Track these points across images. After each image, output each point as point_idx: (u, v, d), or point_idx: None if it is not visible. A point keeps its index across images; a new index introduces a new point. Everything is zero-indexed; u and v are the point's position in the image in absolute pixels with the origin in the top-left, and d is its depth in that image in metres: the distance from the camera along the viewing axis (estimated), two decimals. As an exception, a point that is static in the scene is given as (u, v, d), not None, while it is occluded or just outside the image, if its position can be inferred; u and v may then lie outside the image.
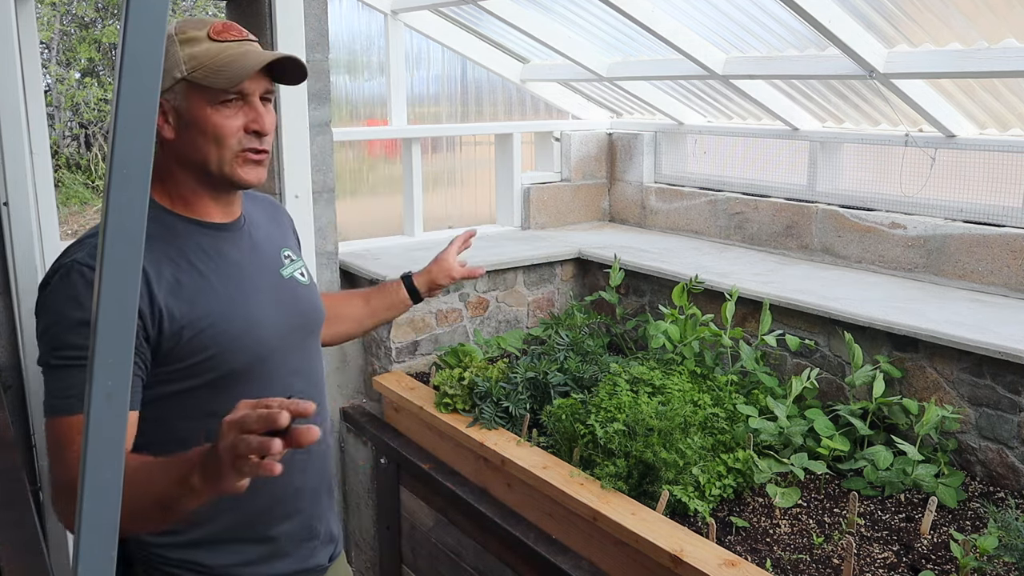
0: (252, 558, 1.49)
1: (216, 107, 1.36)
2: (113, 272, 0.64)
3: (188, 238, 1.42)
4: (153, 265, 1.35)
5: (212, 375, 1.40)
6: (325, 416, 1.64)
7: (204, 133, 1.37)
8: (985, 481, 2.64)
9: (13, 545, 1.46)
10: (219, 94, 1.36)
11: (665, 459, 2.33)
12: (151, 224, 1.32)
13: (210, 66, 1.34)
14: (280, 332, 1.49)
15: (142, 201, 0.65)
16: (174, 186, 1.43)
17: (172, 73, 1.35)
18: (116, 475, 0.70)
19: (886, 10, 2.94)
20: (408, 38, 4.52)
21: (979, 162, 3.32)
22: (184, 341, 1.36)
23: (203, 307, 1.39)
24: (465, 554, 2.80)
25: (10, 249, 2.27)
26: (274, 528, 1.51)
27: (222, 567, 1.46)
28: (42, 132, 2.76)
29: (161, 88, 1.27)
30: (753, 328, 3.27)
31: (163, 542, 1.44)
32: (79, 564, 0.70)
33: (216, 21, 1.39)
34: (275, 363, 1.48)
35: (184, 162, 1.41)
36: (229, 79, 1.34)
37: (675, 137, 4.70)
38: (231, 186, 1.44)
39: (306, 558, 1.57)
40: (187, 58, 1.35)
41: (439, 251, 2.18)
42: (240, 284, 1.45)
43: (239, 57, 1.35)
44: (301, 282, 1.60)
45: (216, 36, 1.36)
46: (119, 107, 0.63)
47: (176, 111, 1.37)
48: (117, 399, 0.67)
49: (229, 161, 1.39)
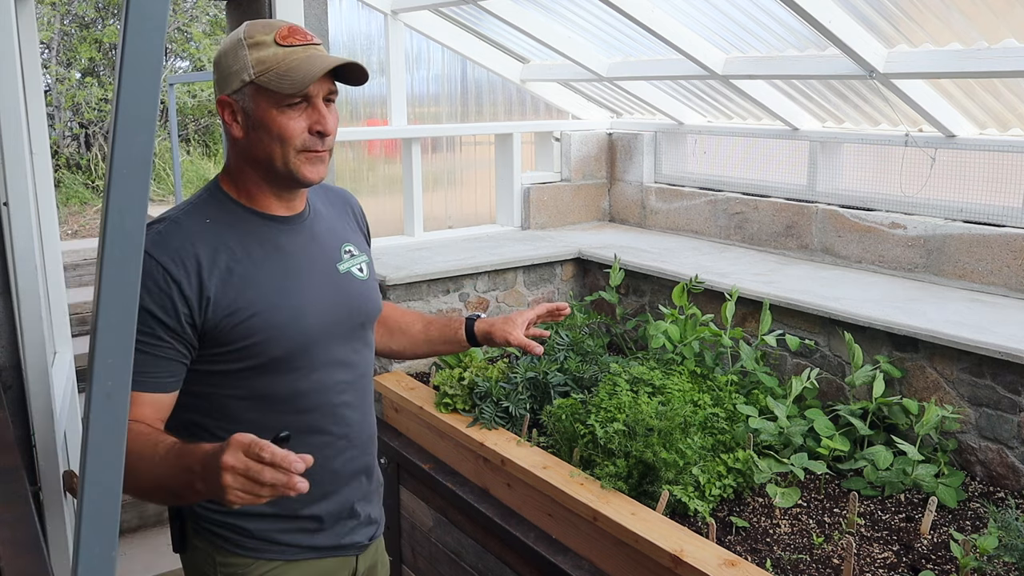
0: (291, 529, 1.56)
1: (282, 109, 1.42)
2: (113, 272, 0.64)
3: (249, 228, 1.50)
4: (209, 252, 1.43)
5: (257, 360, 1.47)
6: (369, 407, 1.70)
7: (270, 133, 1.43)
8: (985, 481, 2.64)
9: (13, 545, 1.46)
10: (285, 97, 1.41)
11: (665, 459, 2.33)
12: (218, 210, 1.46)
13: (276, 70, 1.41)
14: (325, 324, 1.54)
15: (142, 201, 0.65)
16: (240, 179, 1.52)
17: (240, 76, 1.42)
18: (116, 475, 0.70)
19: (886, 10, 2.94)
20: (408, 38, 4.52)
21: (979, 162, 3.32)
22: (231, 327, 1.43)
23: (251, 296, 1.45)
24: (465, 554, 2.80)
25: (10, 249, 2.27)
26: (312, 507, 1.57)
27: (263, 532, 1.53)
28: (42, 132, 2.76)
29: (230, 90, 1.44)
30: (753, 328, 3.27)
31: (207, 506, 1.52)
32: (79, 564, 0.70)
33: (283, 25, 1.44)
34: (318, 353, 1.53)
35: (251, 159, 1.48)
36: (294, 84, 1.40)
37: (675, 137, 4.70)
38: (294, 183, 1.50)
39: (343, 535, 1.63)
40: (255, 62, 1.42)
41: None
42: (291, 275, 1.51)
43: (304, 62, 1.41)
44: (357, 277, 1.65)
45: (282, 41, 1.42)
46: (119, 107, 0.63)
47: (244, 112, 1.45)
48: (117, 399, 0.67)
49: (293, 160, 1.45)
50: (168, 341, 1.39)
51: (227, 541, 1.54)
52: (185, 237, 1.43)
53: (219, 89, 1.47)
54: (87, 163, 8.02)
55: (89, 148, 8.12)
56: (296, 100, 1.43)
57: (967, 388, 2.68)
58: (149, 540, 3.80)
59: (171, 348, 1.40)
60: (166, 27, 0.63)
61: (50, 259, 2.76)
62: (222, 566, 1.54)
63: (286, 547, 1.56)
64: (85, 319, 4.55)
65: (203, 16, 8.80)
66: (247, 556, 1.54)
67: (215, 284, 1.41)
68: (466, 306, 3.71)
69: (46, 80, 7.87)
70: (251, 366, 1.47)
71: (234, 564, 1.54)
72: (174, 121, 5.08)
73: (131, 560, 3.59)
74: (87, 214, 7.09)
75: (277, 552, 1.55)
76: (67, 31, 8.15)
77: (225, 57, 1.46)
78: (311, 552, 1.59)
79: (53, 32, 7.95)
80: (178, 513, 1.56)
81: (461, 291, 3.68)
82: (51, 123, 7.86)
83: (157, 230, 1.42)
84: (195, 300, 1.39)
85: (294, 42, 1.42)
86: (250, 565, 1.54)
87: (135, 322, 0.69)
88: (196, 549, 1.57)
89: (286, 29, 1.44)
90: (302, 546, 1.57)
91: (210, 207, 1.51)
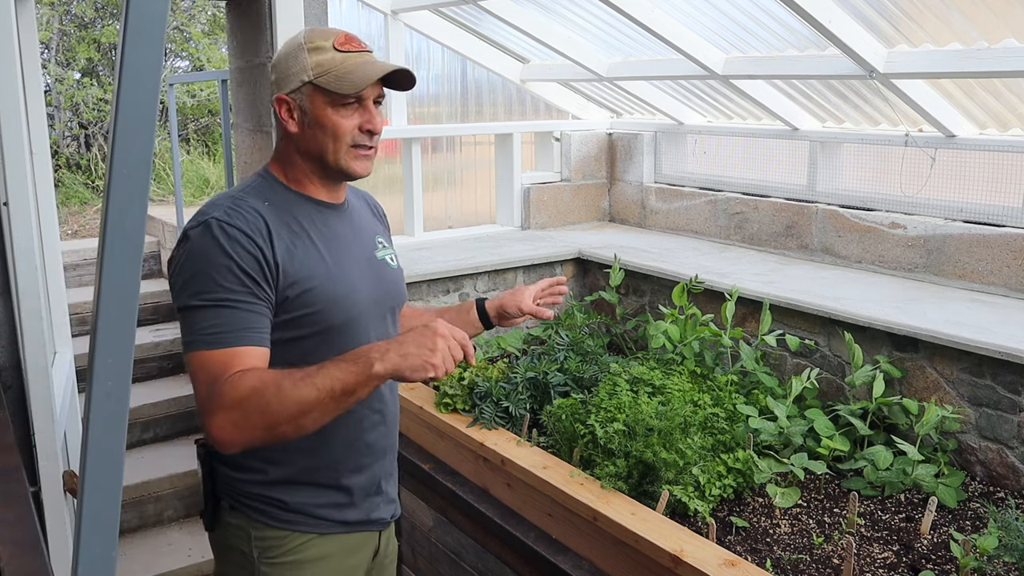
0: (324, 502, 1.66)
1: (336, 108, 1.57)
2: (113, 272, 0.64)
3: (303, 210, 1.63)
4: (275, 227, 1.55)
5: (313, 328, 1.58)
6: (396, 388, 1.82)
7: (324, 130, 1.58)
8: (985, 481, 2.64)
9: (13, 545, 1.46)
10: (340, 97, 1.56)
11: (665, 459, 2.33)
12: (273, 193, 1.62)
13: (335, 73, 1.55)
14: (369, 301, 1.68)
15: (142, 201, 0.65)
16: (291, 169, 1.65)
17: (300, 76, 1.57)
18: (117, 476, 0.70)
19: (886, 10, 2.94)
20: (408, 38, 4.52)
21: (979, 162, 3.32)
22: (294, 296, 1.55)
23: (311, 269, 1.57)
24: (465, 554, 2.80)
25: (10, 249, 2.27)
26: (344, 478, 1.67)
27: (299, 504, 1.62)
28: (42, 132, 2.76)
29: (289, 89, 1.58)
30: (753, 328, 3.27)
31: (247, 479, 1.61)
32: (79, 564, 0.70)
33: (341, 32, 1.60)
34: (363, 326, 1.66)
35: (304, 152, 1.62)
36: (352, 85, 1.55)
37: (675, 137, 4.70)
38: (342, 176, 1.65)
39: (371, 511, 1.73)
40: (314, 65, 1.56)
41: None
42: (344, 254, 1.66)
43: (361, 67, 1.57)
44: (390, 265, 1.79)
45: (340, 46, 1.57)
46: (119, 107, 0.63)
47: (301, 109, 1.59)
48: (117, 399, 0.67)
49: (343, 155, 1.60)
50: (261, 300, 1.50)
51: (263, 514, 1.62)
52: (253, 212, 1.54)
53: (277, 88, 1.61)
54: (87, 163, 8.02)
55: (89, 148, 8.12)
56: (350, 100, 1.57)
57: (967, 388, 2.68)
58: (149, 540, 3.80)
59: (264, 306, 1.51)
60: (165, 27, 0.63)
61: (50, 259, 2.76)
62: (257, 540, 1.62)
63: (320, 520, 1.65)
64: (85, 319, 4.56)
65: (202, 16, 8.79)
66: (282, 528, 1.62)
67: (281, 255, 1.53)
68: (466, 306, 3.71)
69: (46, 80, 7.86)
70: (306, 335, 1.58)
71: (270, 537, 1.62)
72: (174, 121, 5.07)
73: (131, 560, 3.59)
74: (87, 214, 7.08)
75: (311, 525, 1.64)
76: (66, 31, 8.14)
77: (285, 60, 1.60)
78: (341, 526, 1.68)
79: (52, 32, 7.94)
80: (213, 492, 1.65)
81: (461, 291, 3.68)
82: (51, 123, 7.85)
83: (226, 207, 1.53)
84: (272, 267, 1.52)
85: (351, 48, 1.58)
86: (285, 537, 1.62)
87: (135, 322, 0.69)
88: (229, 527, 1.65)
89: (343, 36, 1.59)
90: (334, 520, 1.66)
91: (266, 190, 1.62)
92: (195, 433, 4.45)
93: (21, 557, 1.41)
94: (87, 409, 0.69)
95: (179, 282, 1.50)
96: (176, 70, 8.96)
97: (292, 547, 1.63)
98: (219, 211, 1.53)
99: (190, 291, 1.47)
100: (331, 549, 1.67)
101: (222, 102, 4.03)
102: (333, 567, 1.68)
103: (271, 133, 3.13)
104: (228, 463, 1.62)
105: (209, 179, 7.50)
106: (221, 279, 1.46)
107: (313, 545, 1.64)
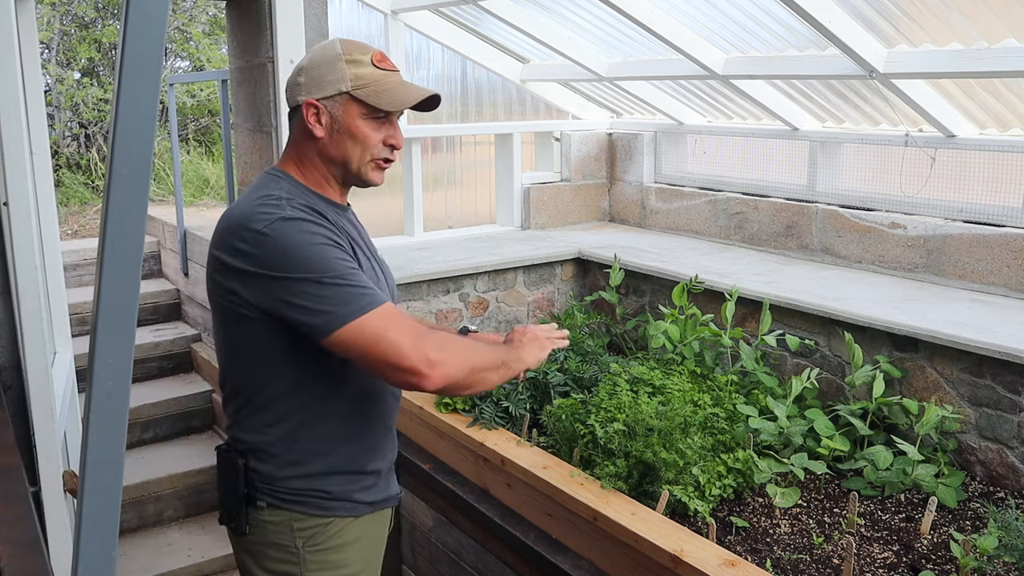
0: (359, 486, 1.76)
1: (367, 120, 1.66)
2: (113, 272, 0.64)
3: (326, 208, 1.69)
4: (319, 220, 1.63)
5: None
6: None
7: (354, 139, 1.66)
8: (985, 481, 2.64)
9: (13, 545, 1.46)
10: (374, 111, 1.65)
11: (665, 459, 2.33)
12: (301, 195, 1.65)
13: (374, 88, 1.64)
14: (389, 292, 1.80)
15: (142, 201, 0.65)
16: (311, 171, 1.71)
17: (337, 85, 1.64)
18: (117, 476, 0.70)
19: (886, 10, 2.94)
20: (408, 38, 4.52)
21: (979, 162, 3.32)
22: None
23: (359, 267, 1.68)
24: (465, 554, 2.80)
25: (10, 249, 2.27)
26: (373, 463, 1.78)
27: (341, 491, 1.72)
28: (42, 132, 2.76)
29: (322, 95, 1.64)
30: (753, 328, 3.27)
31: (289, 474, 1.68)
32: (79, 564, 0.70)
33: (376, 50, 1.69)
34: None
35: (326, 156, 1.69)
36: (392, 103, 1.65)
37: (675, 137, 4.70)
38: (360, 183, 1.75)
39: (390, 487, 1.85)
40: (353, 77, 1.64)
41: None
42: (366, 249, 1.76)
43: (400, 86, 1.67)
44: (386, 264, 1.89)
45: (379, 64, 1.67)
46: (119, 107, 0.63)
47: (331, 116, 1.65)
48: (117, 399, 0.67)
49: (366, 164, 1.70)
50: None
51: (307, 505, 1.70)
52: (303, 208, 1.60)
53: (307, 93, 1.65)
54: (87, 163, 8.01)
55: (89, 148, 8.11)
56: (380, 115, 1.66)
57: (967, 388, 2.68)
58: (149, 540, 3.80)
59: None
60: (166, 27, 0.63)
61: (50, 259, 2.76)
62: (299, 530, 1.69)
63: (356, 504, 1.75)
64: (85, 319, 4.55)
65: (202, 16, 8.79)
66: (324, 516, 1.71)
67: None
68: (466, 306, 3.71)
69: (46, 80, 7.86)
70: None
71: (313, 526, 1.70)
72: (174, 121, 5.07)
73: (131, 560, 3.59)
74: (87, 214, 7.08)
75: (349, 509, 1.73)
76: (67, 31, 8.14)
77: (320, 67, 1.65)
78: (369, 507, 1.78)
79: (53, 32, 7.94)
80: (247, 496, 1.71)
81: (461, 291, 3.68)
82: (51, 123, 7.84)
83: (279, 204, 1.58)
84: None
85: (388, 67, 1.68)
86: (328, 524, 1.71)
87: (135, 322, 0.69)
88: (267, 525, 1.70)
89: (380, 54, 1.68)
90: (365, 502, 1.76)
91: (295, 191, 1.67)
92: (195, 433, 4.45)
93: (21, 557, 1.41)
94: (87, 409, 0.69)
95: (293, 271, 1.51)
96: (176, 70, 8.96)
97: (334, 532, 1.72)
98: (283, 210, 1.57)
99: (314, 274, 1.51)
100: (366, 529, 1.78)
101: (222, 102, 4.03)
102: (368, 544, 1.80)
103: (271, 133, 3.13)
104: (270, 462, 1.67)
105: (209, 179, 7.50)
106: (331, 253, 1.54)
107: (352, 528, 1.74)
